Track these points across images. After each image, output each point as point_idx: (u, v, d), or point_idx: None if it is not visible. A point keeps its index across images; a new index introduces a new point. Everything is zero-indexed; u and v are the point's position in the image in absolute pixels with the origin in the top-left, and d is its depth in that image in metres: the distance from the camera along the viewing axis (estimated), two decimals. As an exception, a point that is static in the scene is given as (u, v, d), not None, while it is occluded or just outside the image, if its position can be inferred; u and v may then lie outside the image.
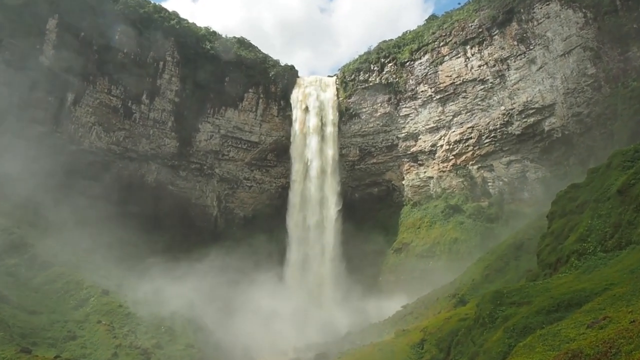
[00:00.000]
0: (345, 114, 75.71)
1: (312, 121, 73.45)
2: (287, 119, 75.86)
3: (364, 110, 74.86)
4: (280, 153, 75.99)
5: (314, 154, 71.98)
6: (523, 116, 59.24)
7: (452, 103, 66.92)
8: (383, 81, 73.94)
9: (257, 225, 71.67)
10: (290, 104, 76.12)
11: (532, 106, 58.10)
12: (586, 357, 9.01)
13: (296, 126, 74.16)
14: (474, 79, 64.00)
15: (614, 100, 47.65)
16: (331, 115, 74.43)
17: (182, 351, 38.57)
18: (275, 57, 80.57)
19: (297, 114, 74.71)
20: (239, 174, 74.98)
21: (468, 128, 65.34)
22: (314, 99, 74.79)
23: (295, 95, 76.12)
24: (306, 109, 74.41)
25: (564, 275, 20.17)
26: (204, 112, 72.37)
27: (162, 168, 69.45)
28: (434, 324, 32.98)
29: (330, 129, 73.76)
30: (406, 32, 79.02)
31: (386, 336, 38.81)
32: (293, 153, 73.59)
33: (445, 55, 67.50)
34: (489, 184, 64.20)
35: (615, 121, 46.68)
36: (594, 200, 24.42)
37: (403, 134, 72.26)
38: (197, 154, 72.17)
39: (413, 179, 71.71)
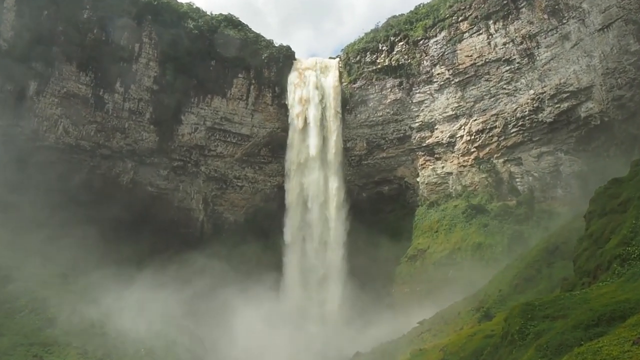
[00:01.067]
0: (350, 102, 75.64)
1: (312, 110, 73.41)
2: (283, 108, 75.84)
3: (372, 96, 74.75)
4: (275, 147, 75.96)
5: (315, 148, 71.94)
6: (555, 101, 59.05)
7: (473, 87, 66.75)
8: (393, 63, 73.81)
9: (250, 231, 71.64)
10: (286, 91, 76.03)
11: (566, 89, 57.89)
12: (632, 378, 8.92)
13: (293, 116, 74.14)
14: (498, 59, 63.81)
15: (661, 81, 47.46)
16: (333, 103, 74.37)
17: (166, 377, 38.65)
18: (268, 37, 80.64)
19: (294, 102, 74.65)
20: (228, 172, 74.99)
21: (492, 116, 65.19)
22: (313, 85, 74.71)
23: (292, 81, 76.03)
24: (305, 97, 74.30)
25: (604, 284, 20.12)
26: (187, 102, 72.34)
27: (140, 166, 69.48)
28: (455, 342, 32.91)
29: (332, 119, 73.73)
30: (419, 5, 78.93)
31: (400, 357, 38.76)
32: (290, 147, 73.59)
33: (464, 32, 67.32)
34: (517, 179, 64.08)
35: (663, 105, 46.52)
36: (639, 197, 24.31)
37: (417, 124, 72.16)
38: (180, 150, 72.18)
39: (429, 176, 71.62)
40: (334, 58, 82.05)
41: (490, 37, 64.67)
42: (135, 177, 69.04)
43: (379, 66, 74.89)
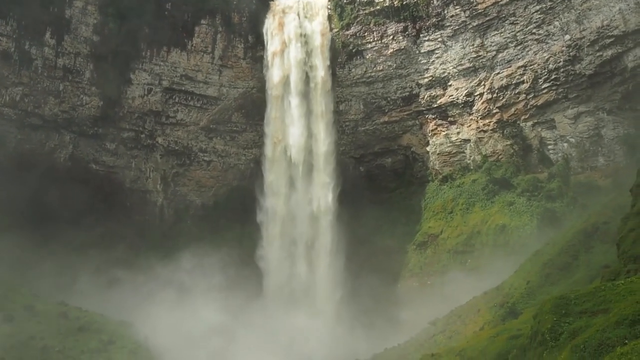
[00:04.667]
0: (343, 53, 74.97)
1: (294, 64, 72.70)
2: (259, 63, 75.15)
3: (370, 46, 74.15)
4: (250, 112, 75.57)
5: (299, 111, 71.57)
6: (597, 48, 59.11)
7: (496, 33, 66.48)
8: (396, 2, 73.05)
9: (221, 217, 71.76)
10: (262, 41, 75.15)
11: (610, 33, 57.91)
12: (684, 380, 9.27)
13: (272, 72, 73.43)
14: (527, -4, 63.64)
15: None
16: (321, 55, 73.66)
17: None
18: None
19: (272, 54, 73.83)
20: (192, 143, 74.67)
21: (519, 68, 65.17)
22: (295, 32, 73.80)
23: (269, 28, 75.05)
24: (285, 47, 73.50)
25: (654, 272, 20.58)
26: (137, 56, 71.43)
27: (81, 139, 68.89)
28: (475, 345, 33.67)
29: (320, 75, 73.12)
30: None
31: (408, 364, 39.64)
32: (269, 112, 73.12)
33: (484, -38, 66.72)
34: (549, 147, 64.58)
35: None
36: (696, 165, 24.67)
37: (426, 79, 71.93)
38: (130, 117, 71.53)
39: (442, 144, 71.83)
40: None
41: (516, -32, 64.25)
42: (75, 153, 68.57)
43: (378, 7, 74.00)
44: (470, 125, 69.75)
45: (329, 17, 76.49)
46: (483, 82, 68.12)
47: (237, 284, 61.58)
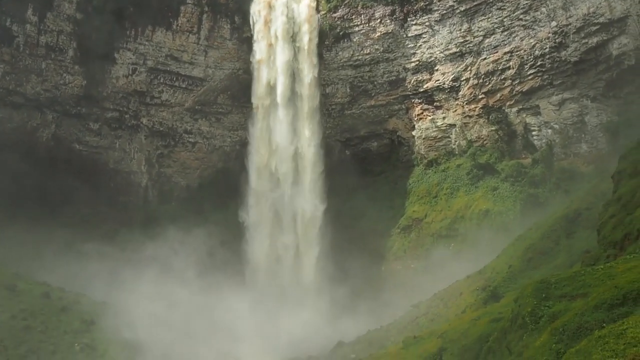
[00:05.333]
0: (330, 36, 74.52)
1: (281, 46, 72.21)
2: (245, 44, 74.49)
3: (357, 29, 73.73)
4: (236, 94, 75.13)
5: (285, 93, 71.26)
6: (582, 35, 59.39)
7: (483, 18, 66.44)
8: (383, -14, 72.59)
9: (206, 199, 71.60)
10: (248, 22, 74.47)
11: (596, 21, 58.17)
12: (659, 363, 9.46)
13: (258, 54, 72.90)
14: (514, -18, 63.55)
15: None
16: (308, 37, 73.19)
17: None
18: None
19: (258, 35, 73.23)
20: (176, 124, 74.25)
21: (505, 54, 65.32)
22: (282, 15, 73.17)
23: (256, 9, 74.29)
24: (272, 29, 72.91)
25: (633, 257, 20.85)
26: (121, 35, 70.61)
27: (63, 118, 68.26)
28: (457, 327, 34.13)
29: (307, 58, 72.76)
30: None
31: (391, 346, 40.07)
32: (255, 93, 72.71)
33: (473, -54, 66.41)
34: (534, 133, 65.06)
35: None
36: (676, 153, 25.00)
37: (413, 64, 71.84)
38: (115, 97, 70.87)
39: (427, 128, 72.04)
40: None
41: (504, -47, 64.03)
42: (57, 132, 67.95)
43: (366, -10, 73.59)
44: (456, 110, 69.95)
45: (317, 0, 75.82)
46: (469, 67, 68.19)
47: (221, 266, 61.78)
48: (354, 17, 73.93)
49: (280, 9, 73.61)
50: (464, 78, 68.66)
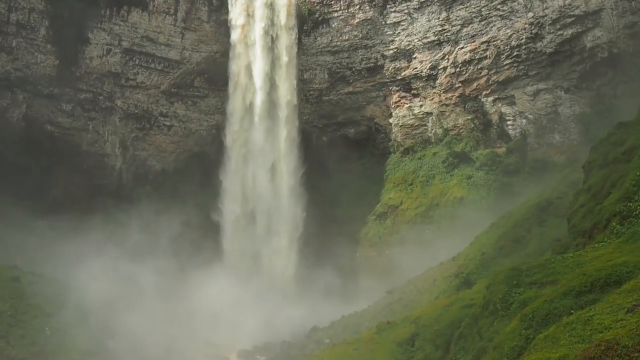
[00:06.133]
0: (309, 20, 74.15)
1: (259, 30, 71.63)
2: (223, 27, 73.74)
3: (336, 15, 73.43)
4: (213, 77, 74.44)
5: (262, 78, 70.84)
6: (558, 27, 60.00)
7: (461, 7, 66.66)
8: (363, -29, 72.23)
9: (181, 183, 71.07)
10: (227, 4, 73.60)
11: (571, 13, 58.78)
12: (623, 349, 9.65)
13: (235, 37, 72.23)
14: (493, -29, 63.81)
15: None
16: (286, 22, 72.65)
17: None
18: None
19: (236, 18, 72.50)
20: (152, 107, 73.40)
21: (482, 43, 65.74)
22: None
23: (234, -9, 73.52)
24: (250, 13, 72.20)
25: (601, 245, 21.32)
26: (95, 14, 69.33)
27: (35, 99, 66.93)
28: (430, 313, 34.66)
29: (285, 43, 72.30)
30: None
31: (365, 331, 40.46)
32: (232, 77, 72.11)
33: None
34: (508, 122, 65.81)
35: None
36: (646, 145, 25.52)
37: (391, 51, 71.90)
38: (88, 78, 69.73)
39: (404, 116, 72.36)
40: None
41: (484, -58, 64.19)
42: (28, 113, 66.61)
43: (346, -25, 73.18)
44: (433, 99, 70.34)
45: (296, -17, 75.21)
46: (447, 56, 68.51)
47: (196, 250, 61.82)
48: (333, 2, 73.62)
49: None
50: (441, 67, 68.98)
